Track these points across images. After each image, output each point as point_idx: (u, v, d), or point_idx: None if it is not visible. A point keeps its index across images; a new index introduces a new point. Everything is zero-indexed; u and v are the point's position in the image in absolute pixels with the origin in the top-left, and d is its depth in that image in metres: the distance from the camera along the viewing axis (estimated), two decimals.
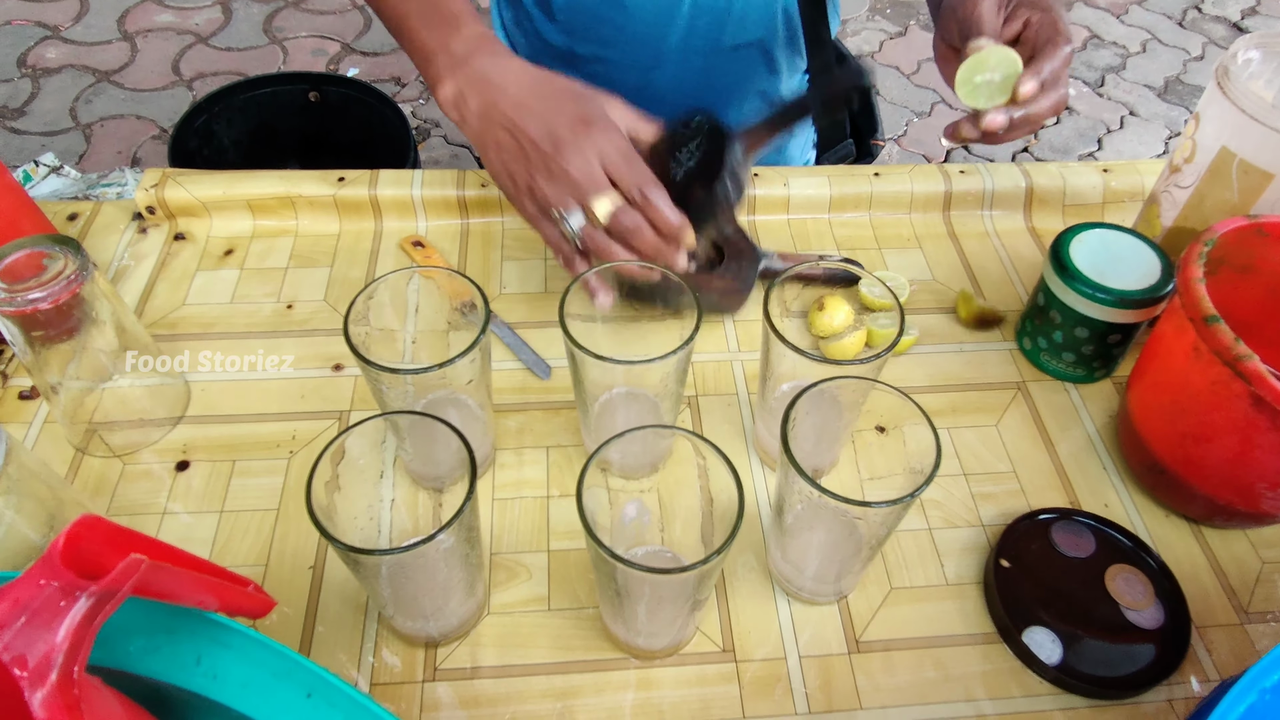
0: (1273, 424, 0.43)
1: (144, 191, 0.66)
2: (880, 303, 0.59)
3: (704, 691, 0.45)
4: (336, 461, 0.41)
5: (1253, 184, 0.53)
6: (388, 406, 0.48)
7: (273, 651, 0.31)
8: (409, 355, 0.55)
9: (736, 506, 0.38)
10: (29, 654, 0.24)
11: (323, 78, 1.51)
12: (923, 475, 0.40)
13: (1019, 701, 0.45)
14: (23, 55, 2.14)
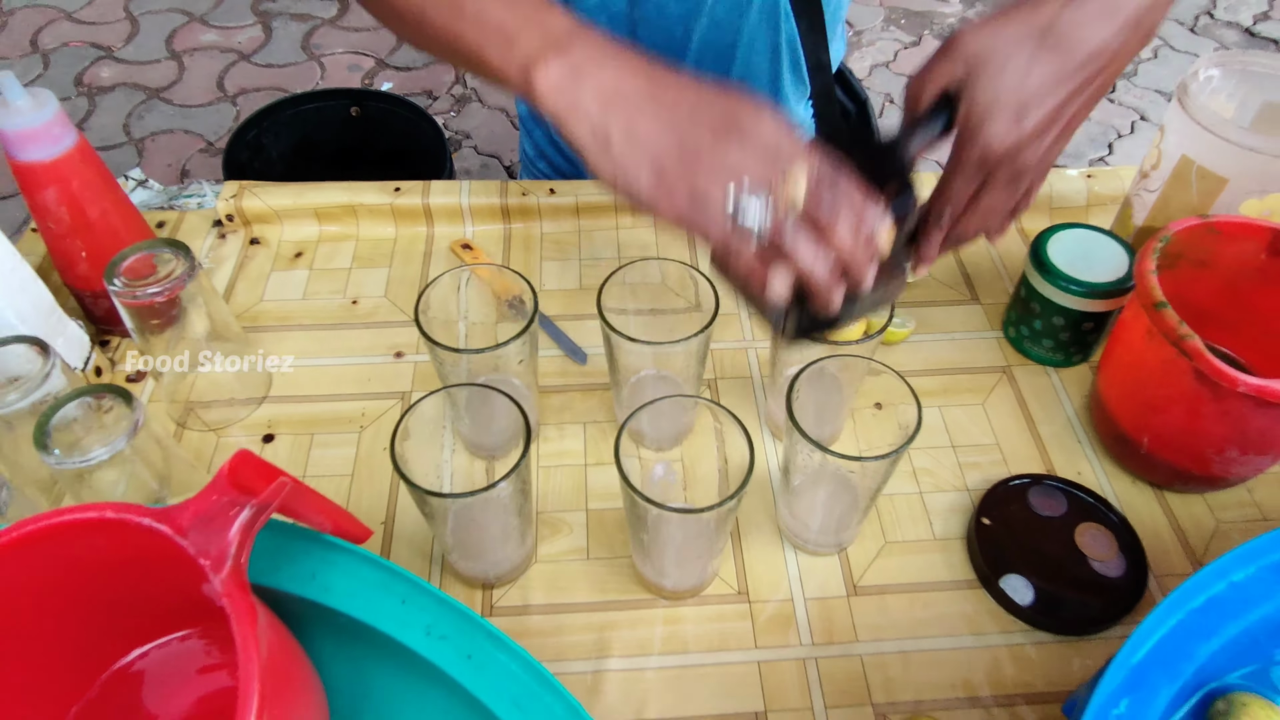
0: (1214, 395, 0.50)
1: (224, 201, 0.74)
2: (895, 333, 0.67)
3: (722, 626, 0.52)
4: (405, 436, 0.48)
5: (1210, 187, 0.59)
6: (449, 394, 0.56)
7: (373, 566, 0.39)
8: (464, 343, 0.63)
9: (748, 462, 0.45)
10: (210, 548, 0.32)
11: (362, 93, 1.61)
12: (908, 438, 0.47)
13: (995, 637, 0.52)
14: (79, 75, 2.27)
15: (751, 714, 0.49)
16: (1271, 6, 2.64)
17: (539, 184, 0.76)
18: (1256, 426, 0.50)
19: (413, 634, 0.38)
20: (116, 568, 0.35)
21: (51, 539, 0.33)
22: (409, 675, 0.39)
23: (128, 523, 0.33)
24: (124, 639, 0.39)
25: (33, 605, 0.35)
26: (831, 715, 0.49)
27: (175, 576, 0.35)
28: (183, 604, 0.39)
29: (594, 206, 0.76)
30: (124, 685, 0.39)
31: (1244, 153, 0.57)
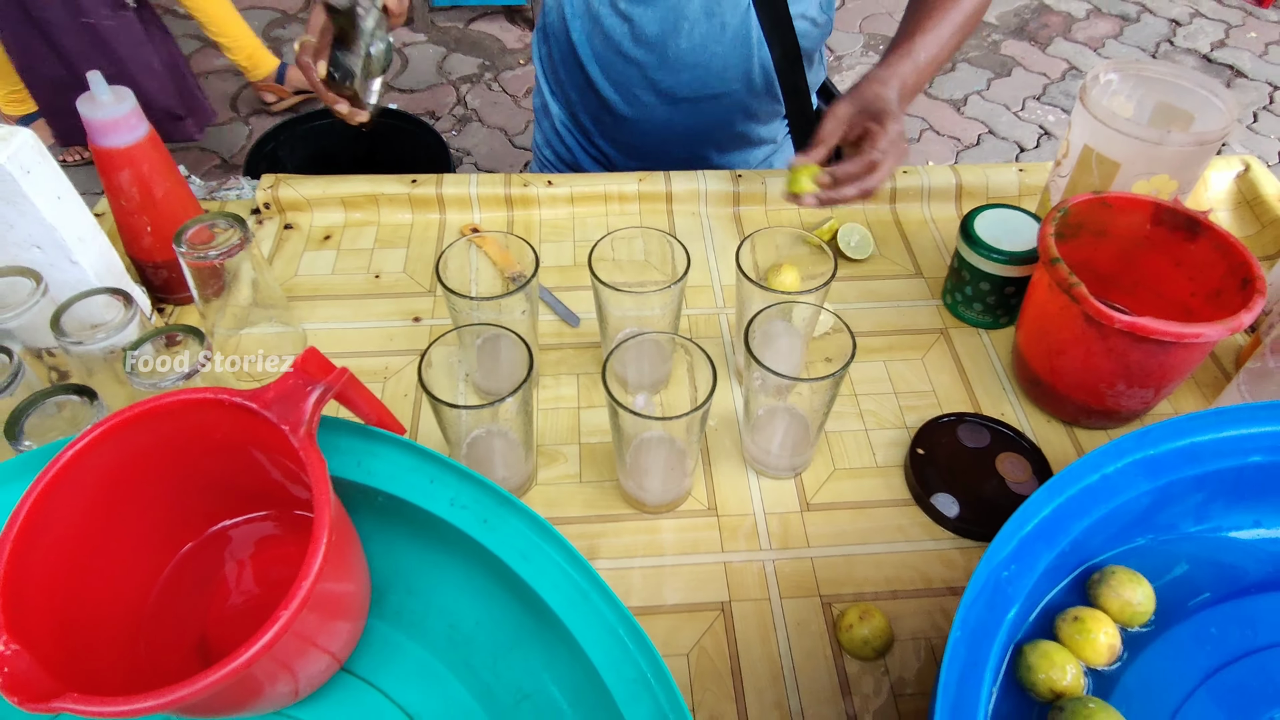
0: (1100, 334, 0.60)
1: (263, 191, 0.85)
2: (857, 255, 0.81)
3: (694, 535, 0.62)
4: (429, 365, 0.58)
5: (1107, 171, 0.70)
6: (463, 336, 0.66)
7: (407, 452, 0.48)
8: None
9: (712, 382, 0.55)
10: (289, 418, 0.42)
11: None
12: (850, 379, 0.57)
13: (927, 544, 0.62)
14: None
15: (718, 603, 0.58)
16: (1227, 35, 2.79)
17: (538, 176, 0.87)
18: (1136, 360, 0.60)
19: (439, 505, 0.47)
20: (210, 447, 0.45)
21: (166, 416, 0.43)
22: (436, 543, 0.49)
23: (225, 401, 0.42)
24: (209, 514, 0.49)
25: (145, 473, 0.44)
26: (785, 604, 0.58)
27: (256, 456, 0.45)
28: (257, 488, 0.48)
29: (586, 196, 0.87)
30: (205, 552, 0.49)
31: (1132, 141, 0.67)
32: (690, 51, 0.90)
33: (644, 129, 0.98)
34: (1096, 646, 0.49)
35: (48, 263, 0.63)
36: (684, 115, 0.96)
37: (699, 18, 0.87)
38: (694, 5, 0.87)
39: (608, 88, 0.95)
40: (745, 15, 0.88)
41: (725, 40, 0.89)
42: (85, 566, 0.42)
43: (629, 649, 0.42)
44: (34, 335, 0.62)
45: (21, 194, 0.59)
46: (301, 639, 0.42)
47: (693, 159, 1.01)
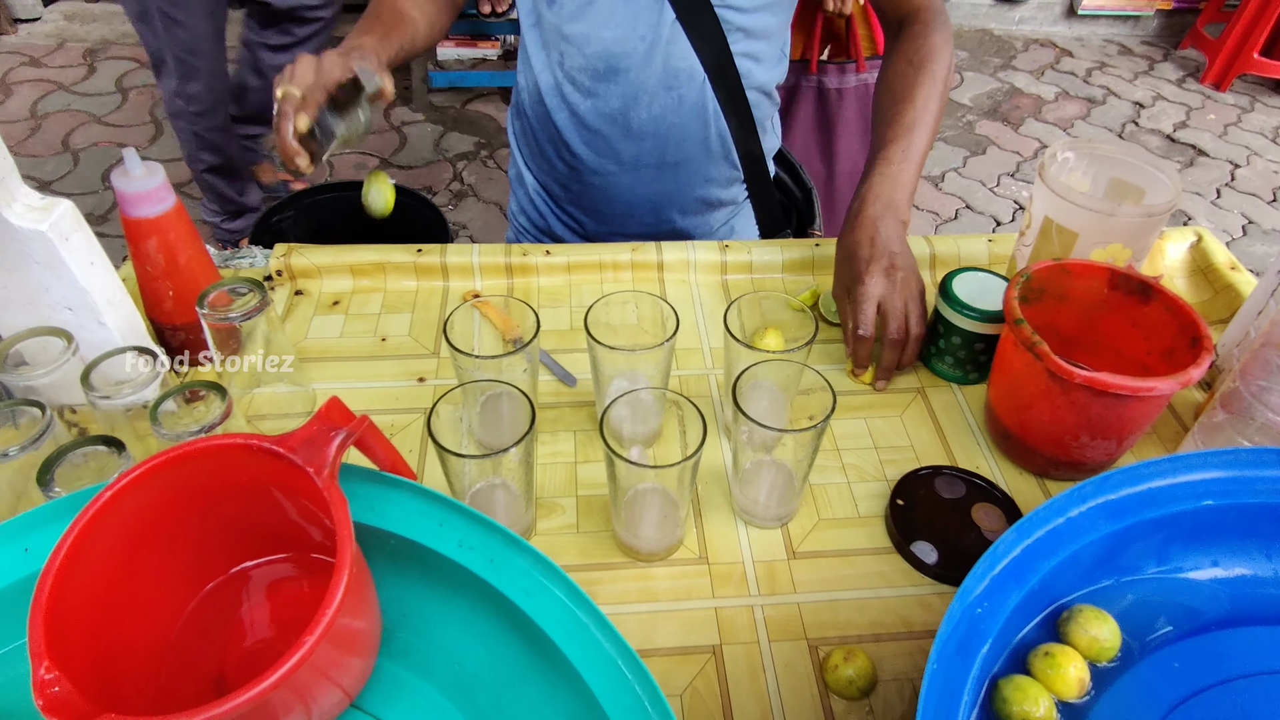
0: (1063, 389, 0.64)
1: (276, 259, 0.89)
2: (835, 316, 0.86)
3: (686, 582, 0.65)
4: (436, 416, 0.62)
5: (1066, 240, 0.76)
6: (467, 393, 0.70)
7: (418, 497, 0.52)
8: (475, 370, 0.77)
9: (702, 434, 0.59)
10: (313, 460, 0.45)
11: None
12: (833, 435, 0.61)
13: (907, 589, 0.65)
14: (106, 171, 2.46)
15: (709, 646, 0.61)
16: (1188, 116, 2.94)
17: (536, 246, 0.92)
18: (1097, 412, 0.64)
19: (448, 546, 0.50)
20: (236, 490, 0.48)
21: (198, 460, 0.46)
22: (443, 584, 0.52)
23: (253, 446, 0.46)
24: (232, 554, 0.52)
25: (174, 514, 0.47)
26: (774, 647, 0.61)
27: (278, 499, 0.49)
28: (278, 531, 0.52)
29: (582, 265, 0.92)
30: (227, 591, 0.52)
31: (1088, 213, 0.73)
32: (650, 122, 0.96)
33: (610, 195, 1.04)
34: (1067, 680, 0.52)
35: (78, 324, 0.67)
36: (647, 182, 1.02)
37: (658, 91, 0.94)
38: (652, 80, 0.93)
39: (575, 158, 1.02)
40: (701, 88, 0.95)
41: (683, 112, 0.96)
42: (116, 601, 0.45)
43: (628, 679, 0.45)
44: (59, 393, 0.66)
45: (59, 259, 0.63)
46: (318, 671, 0.45)
47: (658, 222, 1.07)
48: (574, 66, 0.94)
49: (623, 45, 0.91)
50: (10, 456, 0.57)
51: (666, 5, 0.89)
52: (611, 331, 0.73)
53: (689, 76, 0.94)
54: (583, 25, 0.91)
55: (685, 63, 0.93)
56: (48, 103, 2.75)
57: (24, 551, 0.50)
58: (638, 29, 0.91)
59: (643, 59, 0.92)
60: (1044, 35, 3.55)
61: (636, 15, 0.90)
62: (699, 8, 0.90)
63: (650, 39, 0.91)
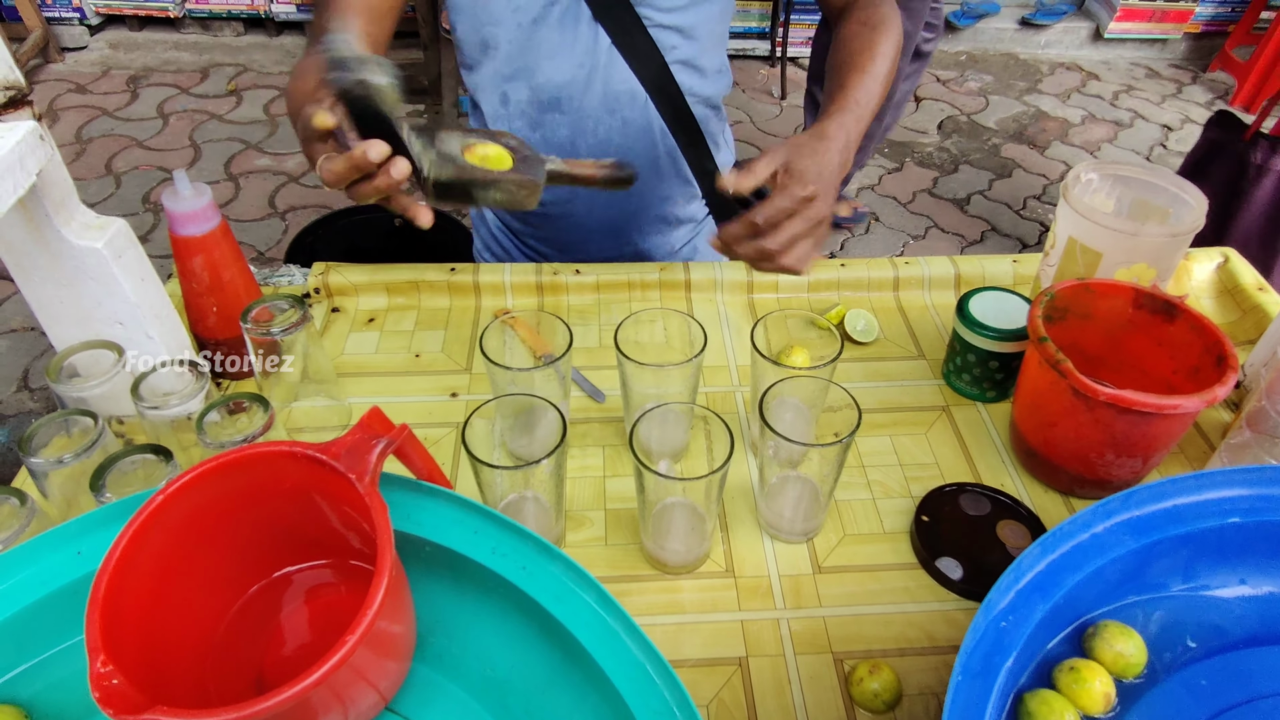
0: (1088, 407, 0.65)
1: (314, 276, 0.92)
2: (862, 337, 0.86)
3: (713, 595, 0.66)
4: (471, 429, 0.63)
5: (1090, 260, 0.76)
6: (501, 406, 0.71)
7: (453, 505, 0.53)
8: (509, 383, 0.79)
9: (729, 448, 0.60)
10: (355, 468, 0.47)
11: None
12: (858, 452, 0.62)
13: (932, 605, 0.65)
14: (147, 194, 2.53)
15: (735, 659, 0.62)
16: None
17: (567, 266, 0.94)
18: (1122, 430, 0.65)
19: (482, 553, 0.52)
20: (280, 497, 0.50)
21: (244, 467, 0.48)
22: (476, 590, 0.53)
23: (297, 453, 0.48)
24: (275, 559, 0.54)
25: (221, 518, 0.49)
26: (799, 660, 0.62)
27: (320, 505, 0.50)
28: (319, 537, 0.53)
29: (611, 284, 0.94)
30: (270, 594, 0.53)
31: (1112, 233, 0.74)
32: (598, 147, 0.98)
33: (569, 224, 1.05)
34: (1092, 695, 0.52)
35: (128, 337, 0.70)
36: (603, 207, 1.03)
37: (601, 116, 0.96)
38: (594, 106, 0.95)
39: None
40: (645, 108, 0.96)
41: (629, 134, 0.97)
42: (165, 600, 0.47)
43: (657, 685, 0.46)
44: (109, 403, 0.68)
45: (112, 276, 0.66)
46: (356, 673, 0.47)
47: (619, 244, 1.07)
48: (519, 101, 0.96)
49: (564, 75, 0.93)
50: (65, 464, 0.60)
51: (600, 31, 0.91)
52: (640, 349, 0.74)
53: (630, 98, 0.95)
54: (523, 62, 0.93)
55: (625, 85, 0.94)
56: (92, 128, 2.84)
57: (76, 554, 0.52)
58: (575, 57, 0.92)
59: (584, 86, 0.94)
60: (1070, 59, 3.55)
61: (574, 44, 0.92)
62: (631, 29, 0.91)
63: (589, 65, 0.93)
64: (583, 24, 0.91)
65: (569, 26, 0.91)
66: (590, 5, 0.90)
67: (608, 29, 0.91)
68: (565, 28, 0.91)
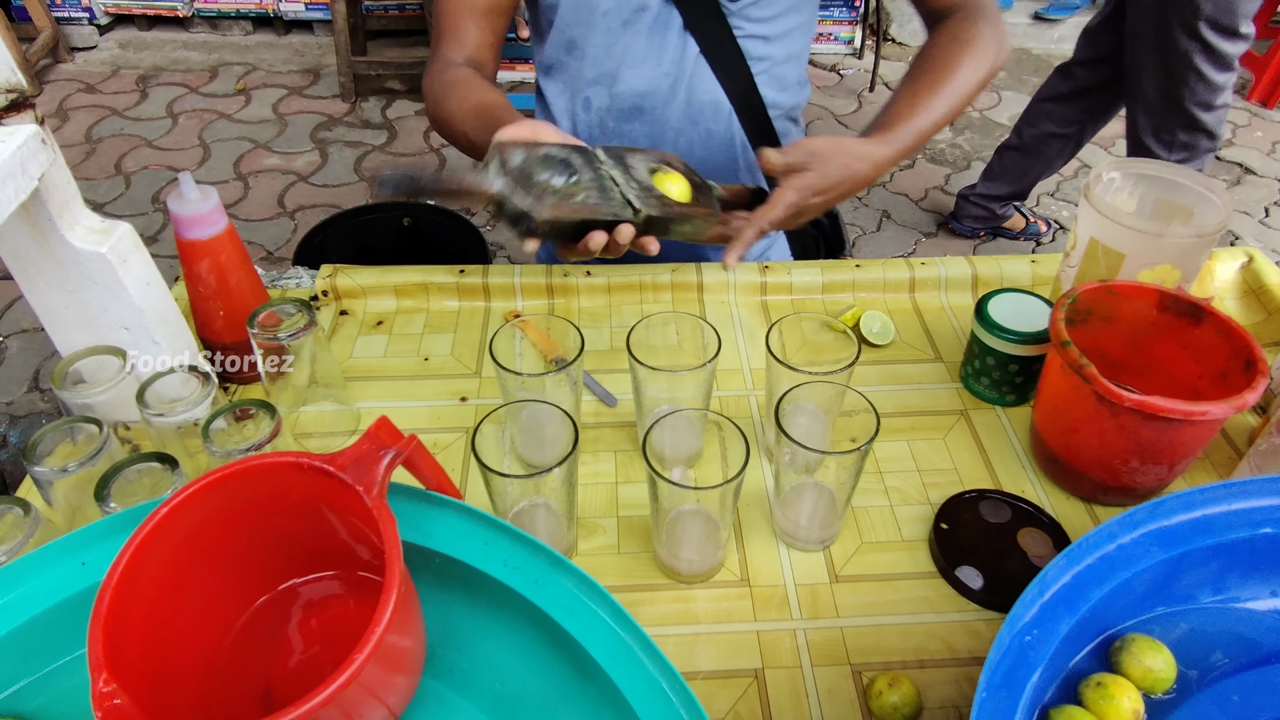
0: (1112, 413, 0.63)
1: (322, 279, 0.91)
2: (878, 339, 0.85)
3: (727, 605, 0.64)
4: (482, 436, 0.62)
5: (1112, 262, 0.75)
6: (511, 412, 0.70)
7: (464, 516, 0.52)
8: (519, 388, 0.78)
9: (744, 457, 0.59)
10: (363, 479, 0.46)
11: (413, 206, 1.82)
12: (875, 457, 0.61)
13: (952, 615, 0.64)
14: (156, 193, 2.53)
15: (752, 670, 0.60)
16: (1234, 134, 2.88)
17: (577, 267, 0.93)
18: (1147, 437, 0.63)
19: (493, 566, 0.51)
20: (287, 508, 0.49)
21: (250, 478, 0.47)
22: (487, 603, 0.52)
23: (304, 464, 0.47)
24: (281, 571, 0.53)
25: (227, 530, 0.48)
26: (817, 672, 0.60)
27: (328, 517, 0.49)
28: (326, 548, 0.52)
29: (622, 285, 0.92)
30: (276, 607, 0.52)
31: (1135, 234, 0.72)
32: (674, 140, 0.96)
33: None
34: (1120, 712, 0.50)
35: (133, 343, 0.69)
36: None
37: (683, 126, 0.95)
38: (676, 116, 0.94)
39: None
40: (728, 120, 0.95)
41: (711, 145, 0.96)
42: (169, 615, 0.46)
43: (672, 702, 0.45)
44: (115, 410, 0.67)
45: (117, 280, 0.65)
46: (366, 689, 0.45)
47: (691, 257, 1.05)
48: (600, 109, 0.95)
49: (648, 84, 0.92)
50: (69, 472, 0.59)
51: (690, 40, 0.90)
52: (652, 352, 0.73)
53: (714, 109, 0.94)
54: (607, 67, 0.92)
55: (710, 96, 0.93)
56: (102, 127, 2.84)
57: (81, 565, 0.51)
58: (663, 66, 0.91)
59: (667, 95, 0.93)
60: None
61: (661, 52, 0.90)
62: (721, 40, 0.90)
63: (675, 75, 0.91)
64: (672, 32, 0.89)
65: (658, 34, 0.89)
66: (682, 13, 0.88)
67: (698, 38, 0.90)
68: (655, 35, 0.90)
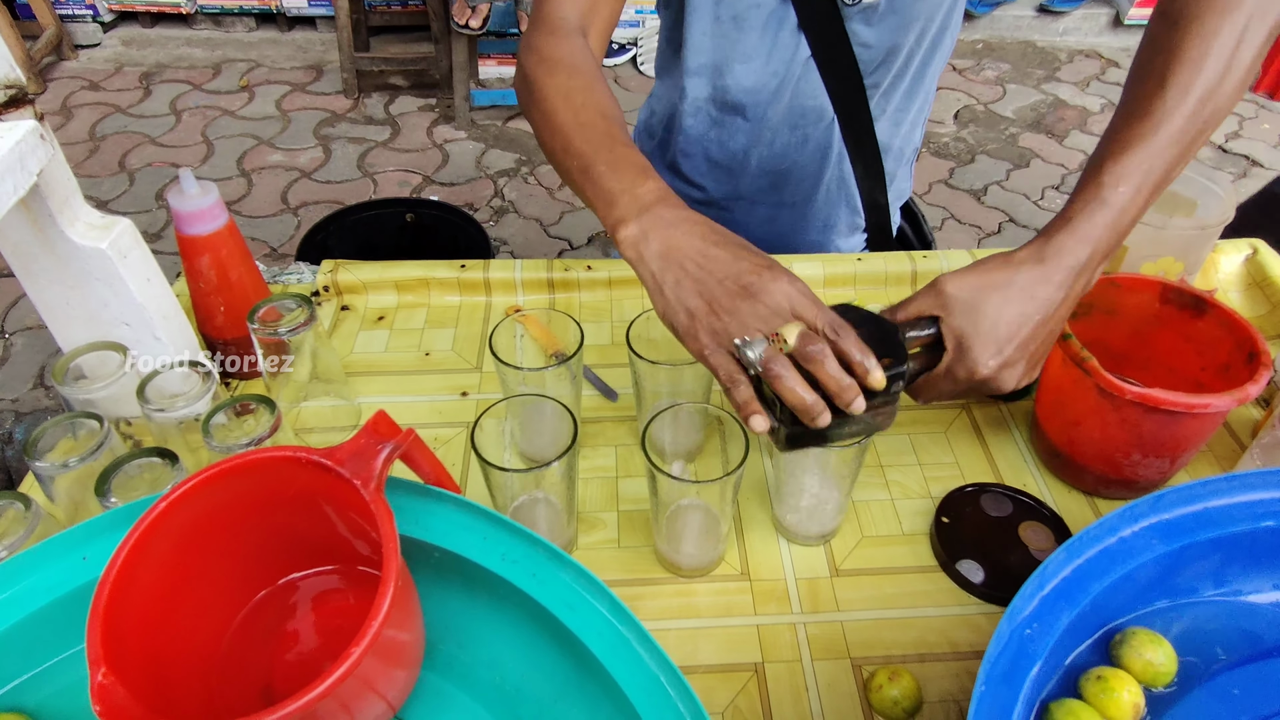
0: (1114, 406, 0.63)
1: (323, 274, 0.91)
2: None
3: (728, 599, 0.64)
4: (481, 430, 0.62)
5: (1116, 255, 0.74)
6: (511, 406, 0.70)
7: (462, 510, 0.52)
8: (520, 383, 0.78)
9: (745, 450, 0.59)
10: (361, 473, 0.46)
11: (416, 202, 1.82)
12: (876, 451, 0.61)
13: (953, 609, 0.64)
14: (160, 190, 2.53)
15: (751, 664, 0.60)
16: (1241, 126, 2.86)
17: (578, 261, 0.93)
18: (1149, 430, 0.63)
19: (492, 560, 0.51)
20: (285, 502, 0.49)
21: (248, 472, 0.47)
22: (486, 597, 0.52)
23: (302, 459, 0.47)
24: (281, 565, 0.53)
25: (225, 524, 0.49)
26: (817, 666, 0.60)
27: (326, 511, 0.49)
28: (325, 543, 0.52)
29: (623, 280, 0.92)
30: (276, 602, 0.52)
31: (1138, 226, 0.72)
32: (770, 159, 0.95)
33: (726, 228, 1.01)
34: (1121, 705, 0.50)
35: (134, 338, 0.69)
36: (761, 220, 1.01)
37: (781, 129, 0.93)
38: (777, 118, 0.92)
39: (692, 187, 1.01)
40: (829, 128, 0.92)
41: (807, 151, 0.94)
42: (169, 609, 0.46)
43: (670, 696, 0.45)
44: (116, 405, 0.68)
45: (118, 276, 0.65)
46: (364, 683, 0.46)
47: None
48: (698, 99, 0.93)
49: (753, 80, 0.89)
50: (70, 467, 0.59)
51: (802, 41, 0.86)
52: (653, 346, 0.73)
53: (817, 115, 0.91)
54: (713, 58, 0.89)
55: (814, 101, 0.90)
56: (106, 125, 2.85)
57: (82, 560, 0.51)
58: (771, 64, 0.88)
59: (772, 95, 0.90)
60: (1089, 46, 3.49)
61: (772, 50, 0.87)
62: (836, 43, 0.86)
63: (782, 75, 0.89)
64: (785, 31, 0.86)
65: (771, 31, 0.86)
66: (798, 13, 0.85)
67: (810, 40, 0.86)
68: (767, 32, 0.86)
